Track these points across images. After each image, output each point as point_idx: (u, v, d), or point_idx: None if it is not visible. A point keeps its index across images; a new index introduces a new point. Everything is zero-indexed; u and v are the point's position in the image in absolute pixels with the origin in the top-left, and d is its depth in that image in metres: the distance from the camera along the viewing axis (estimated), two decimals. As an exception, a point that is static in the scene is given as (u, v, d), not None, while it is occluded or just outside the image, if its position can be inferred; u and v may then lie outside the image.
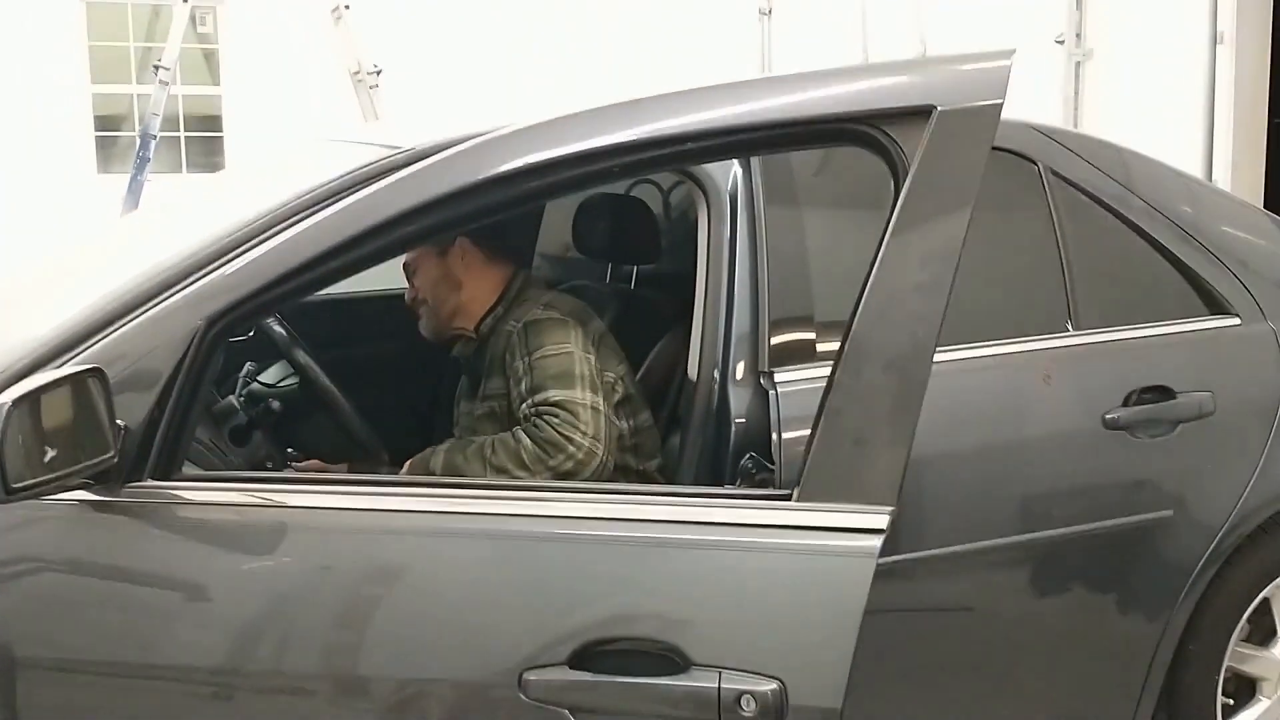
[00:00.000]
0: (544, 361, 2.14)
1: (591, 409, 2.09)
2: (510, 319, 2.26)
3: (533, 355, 2.15)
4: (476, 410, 2.31)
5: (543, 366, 2.14)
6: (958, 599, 2.14)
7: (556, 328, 2.18)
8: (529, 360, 2.15)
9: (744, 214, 2.08)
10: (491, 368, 2.29)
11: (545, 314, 2.22)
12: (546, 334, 2.17)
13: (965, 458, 2.12)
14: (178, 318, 1.59)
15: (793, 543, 1.45)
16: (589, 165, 1.59)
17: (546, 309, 2.24)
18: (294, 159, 2.31)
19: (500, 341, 2.26)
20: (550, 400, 2.09)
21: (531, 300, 2.29)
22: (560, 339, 2.16)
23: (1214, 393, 2.25)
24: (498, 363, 2.26)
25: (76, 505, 1.55)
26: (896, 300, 1.47)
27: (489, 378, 2.29)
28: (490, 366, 2.29)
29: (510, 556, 1.53)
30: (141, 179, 7.15)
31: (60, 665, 1.57)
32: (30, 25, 8.64)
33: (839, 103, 1.55)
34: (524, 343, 2.18)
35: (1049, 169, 2.30)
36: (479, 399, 2.31)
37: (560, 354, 2.15)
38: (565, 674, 1.44)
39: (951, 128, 1.48)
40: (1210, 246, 2.38)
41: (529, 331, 2.18)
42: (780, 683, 1.40)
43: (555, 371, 2.12)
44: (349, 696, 1.52)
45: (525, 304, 2.29)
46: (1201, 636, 2.31)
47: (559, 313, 2.23)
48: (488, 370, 2.30)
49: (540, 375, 2.13)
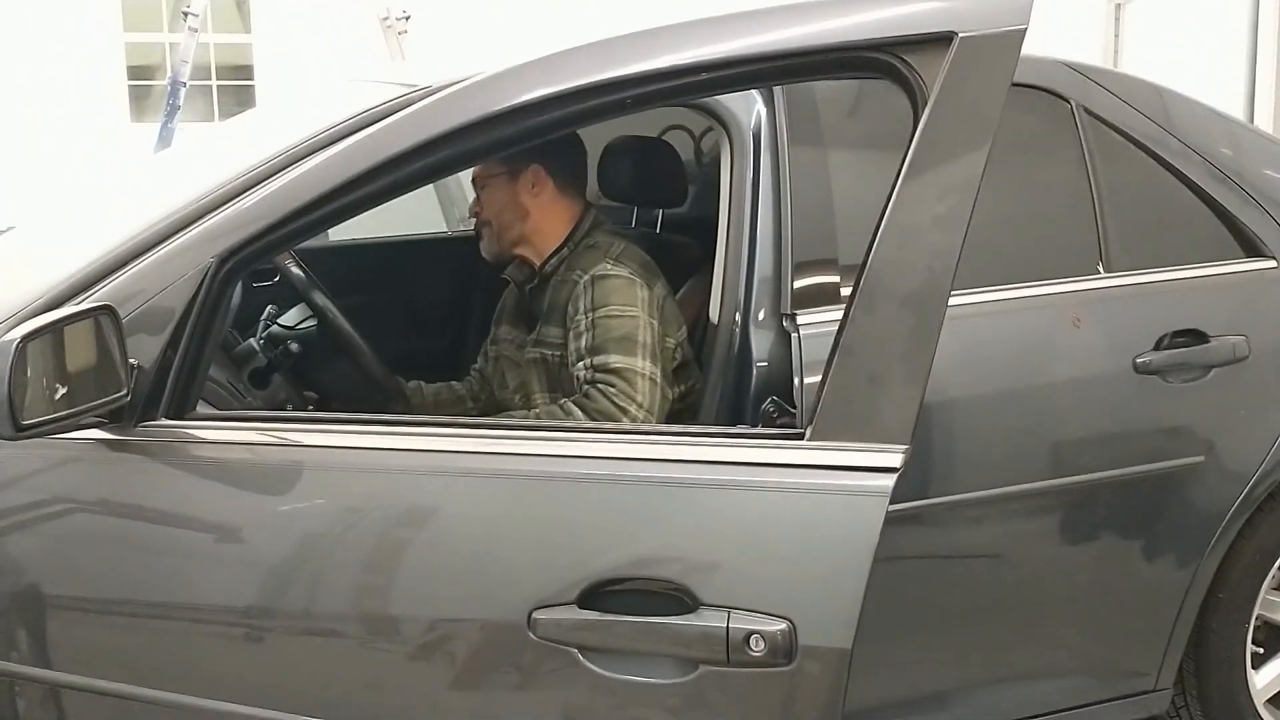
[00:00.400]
0: (608, 322, 2.09)
1: (649, 380, 2.05)
2: (577, 266, 2.19)
3: (597, 312, 2.10)
4: (528, 353, 2.27)
5: (606, 327, 2.09)
6: (985, 545, 2.12)
7: (625, 287, 2.12)
8: (593, 317, 2.11)
9: (768, 153, 2.04)
10: (551, 313, 2.23)
11: (615, 270, 2.15)
12: (615, 292, 2.11)
13: (994, 402, 2.09)
14: (189, 256, 1.59)
15: (805, 482, 1.43)
16: (603, 97, 1.56)
17: (617, 264, 2.16)
18: (314, 100, 2.30)
19: (565, 289, 2.20)
20: (610, 366, 2.05)
21: (600, 247, 2.22)
22: (628, 300, 2.11)
23: (1248, 337, 2.21)
24: (559, 311, 2.20)
25: (90, 444, 1.56)
26: (913, 235, 1.43)
27: (547, 323, 2.24)
28: (550, 311, 2.23)
29: (522, 496, 1.52)
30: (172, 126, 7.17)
31: (79, 604, 1.59)
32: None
33: (857, 30, 1.51)
34: (590, 297, 2.12)
35: (1082, 107, 2.24)
36: (532, 341, 2.27)
37: (625, 316, 2.10)
38: (574, 613, 1.43)
39: (973, 55, 1.44)
40: (1249, 189, 2.32)
41: (596, 286, 2.12)
42: (790, 622, 1.38)
43: (619, 335, 2.08)
44: (365, 635, 1.53)
45: (594, 251, 2.21)
46: (1231, 584, 2.28)
47: (629, 269, 2.16)
48: (546, 314, 2.24)
49: (602, 336, 2.08)
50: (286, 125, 1.99)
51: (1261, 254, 2.29)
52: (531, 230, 2.25)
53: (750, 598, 1.40)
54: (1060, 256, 2.23)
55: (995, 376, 2.10)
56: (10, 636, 1.58)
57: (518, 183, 2.21)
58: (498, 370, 2.40)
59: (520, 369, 2.31)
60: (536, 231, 2.25)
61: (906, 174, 1.44)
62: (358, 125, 1.70)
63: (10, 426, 1.40)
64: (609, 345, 2.07)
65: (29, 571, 1.57)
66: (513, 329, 2.38)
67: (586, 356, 2.09)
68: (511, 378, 2.34)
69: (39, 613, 1.58)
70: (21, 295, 1.65)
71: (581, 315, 2.12)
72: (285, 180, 1.60)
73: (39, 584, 1.57)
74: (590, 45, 1.60)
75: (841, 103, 2.18)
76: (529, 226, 2.24)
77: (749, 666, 1.39)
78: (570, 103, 1.55)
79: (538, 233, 2.25)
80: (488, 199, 2.25)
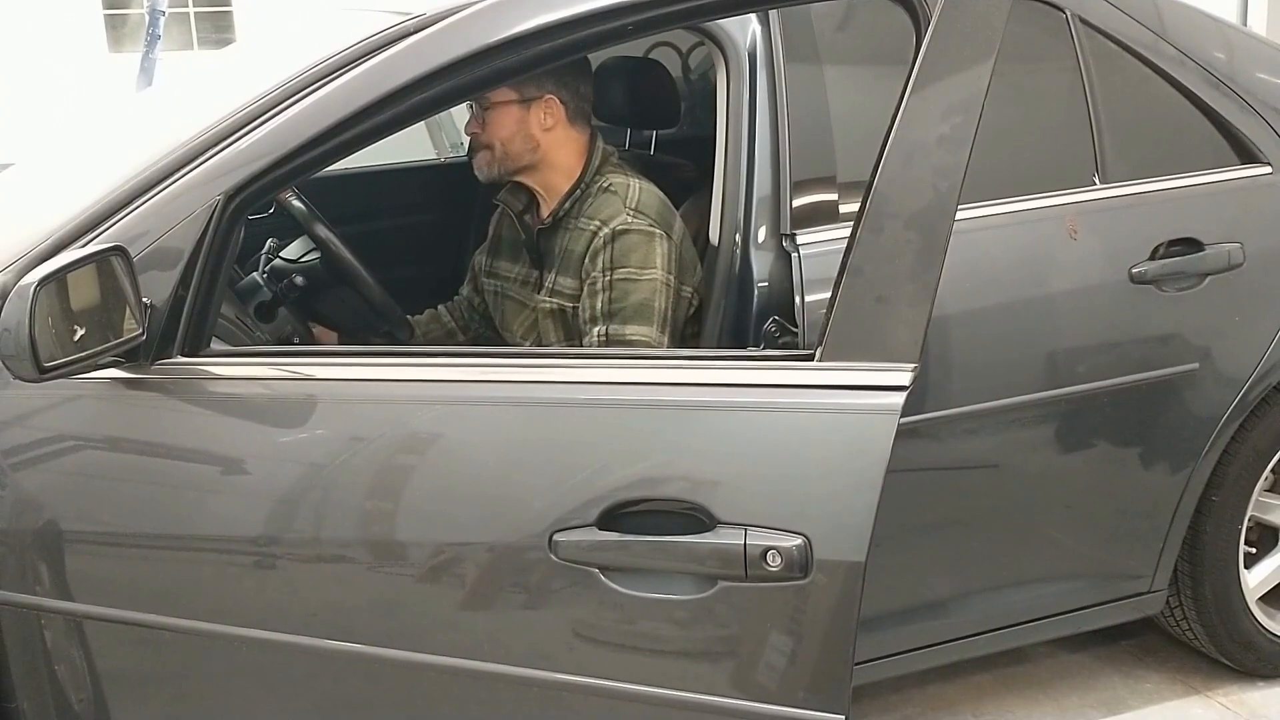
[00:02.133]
0: (626, 285, 2.05)
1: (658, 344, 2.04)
2: (596, 216, 2.11)
3: (615, 273, 2.06)
4: (541, 300, 2.20)
5: (624, 290, 2.05)
6: (983, 456, 2.16)
7: (645, 243, 2.06)
8: (610, 277, 2.06)
9: (763, 73, 2.03)
10: (567, 263, 2.16)
11: (635, 222, 2.08)
12: (635, 250, 2.06)
13: (990, 315, 2.11)
14: (196, 193, 1.60)
15: (816, 401, 1.46)
16: (600, 24, 1.56)
17: (636, 214, 2.09)
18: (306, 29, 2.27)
19: (581, 239, 2.12)
20: (624, 336, 2.03)
21: (618, 192, 2.12)
22: (648, 259, 2.06)
23: (1243, 244, 2.23)
24: (574, 261, 2.13)
25: (108, 383, 1.58)
26: (918, 154, 1.44)
27: (563, 272, 2.17)
28: (565, 260, 2.16)
29: (538, 422, 1.55)
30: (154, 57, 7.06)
31: (102, 539, 1.61)
32: (31, -99, 8.46)
33: (859, -49, 1.51)
34: (609, 254, 2.07)
35: (1077, 16, 2.23)
36: (547, 290, 2.19)
37: (645, 280, 2.05)
38: (594, 534, 1.46)
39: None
40: (1243, 94, 2.32)
41: (617, 242, 2.06)
42: (805, 538, 1.42)
43: (636, 301, 2.04)
44: (385, 561, 1.56)
45: (611, 197, 2.12)
46: (1225, 487, 2.33)
47: (648, 220, 2.09)
48: (561, 262, 2.17)
49: (619, 299, 2.05)
50: (282, 56, 1.97)
51: (1256, 160, 2.30)
52: (541, 162, 2.17)
53: (766, 515, 1.43)
54: (1056, 168, 2.23)
55: (992, 290, 2.11)
56: (35, 571, 1.61)
57: (529, 112, 2.13)
58: (498, 306, 2.37)
59: (527, 311, 2.26)
60: (547, 164, 2.18)
61: (910, 93, 1.45)
62: (356, 55, 1.70)
63: (33, 369, 1.42)
64: (625, 313, 2.04)
65: (53, 508, 1.60)
66: (514, 264, 2.33)
67: (601, 321, 2.06)
68: (516, 318, 2.30)
69: (63, 548, 1.61)
70: (28, 236, 1.65)
71: (599, 273, 2.08)
72: (290, 114, 1.61)
73: (63, 520, 1.60)
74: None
75: (836, 20, 2.17)
76: (538, 158, 2.17)
77: (766, 581, 1.43)
78: (572, 30, 1.56)
79: (549, 166, 2.18)
80: (494, 123, 2.14)
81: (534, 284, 2.27)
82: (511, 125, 2.14)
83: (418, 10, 1.77)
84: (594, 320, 2.08)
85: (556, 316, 2.19)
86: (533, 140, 2.16)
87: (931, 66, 1.44)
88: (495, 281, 2.38)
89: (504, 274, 2.36)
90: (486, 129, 2.16)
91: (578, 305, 2.14)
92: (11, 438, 1.60)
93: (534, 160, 2.17)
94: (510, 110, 2.13)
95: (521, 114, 2.13)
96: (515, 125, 2.14)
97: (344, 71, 1.65)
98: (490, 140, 2.16)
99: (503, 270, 2.36)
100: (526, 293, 2.29)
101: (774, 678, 1.48)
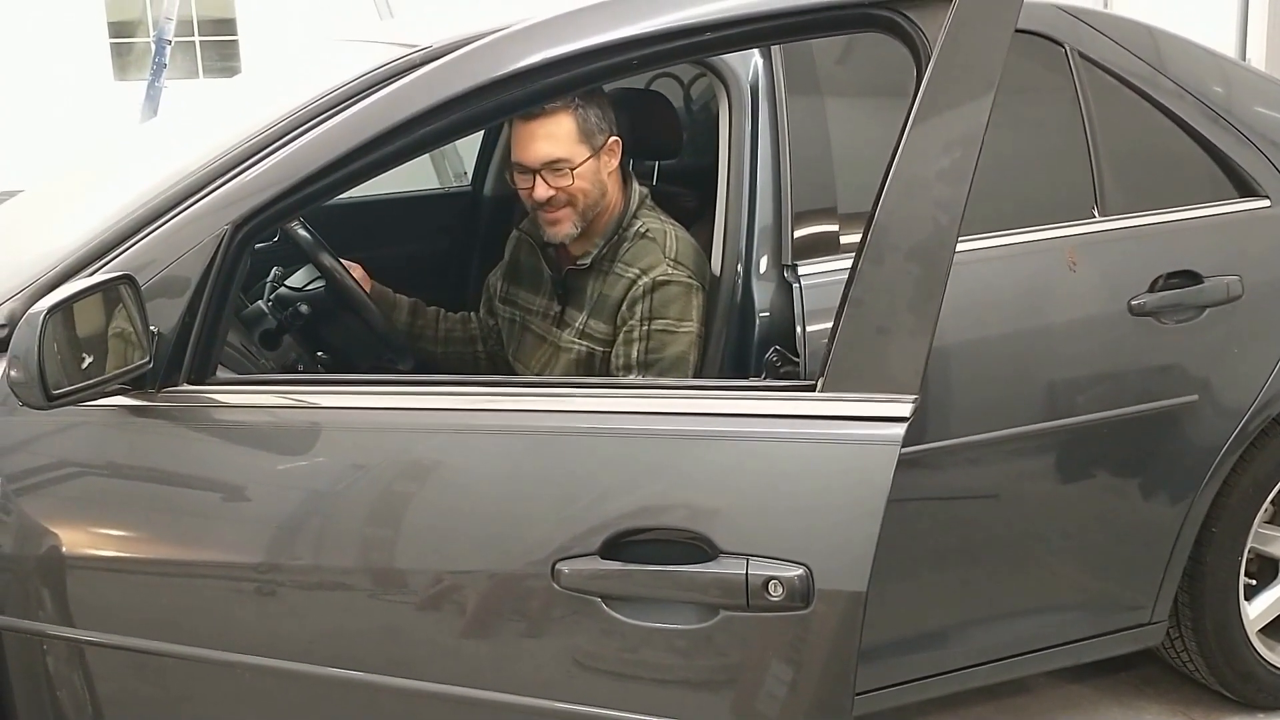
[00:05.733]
0: (664, 336, 2.06)
1: None
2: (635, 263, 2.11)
3: (654, 323, 2.07)
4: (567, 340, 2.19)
5: (661, 341, 2.06)
6: (984, 486, 2.17)
7: (684, 295, 2.07)
8: (649, 327, 2.07)
9: (765, 105, 2.06)
10: (600, 307, 2.15)
11: (676, 274, 2.08)
12: (674, 303, 2.07)
13: (991, 346, 2.12)
14: (205, 223, 1.61)
15: (818, 432, 1.47)
16: (607, 59, 1.58)
17: (676, 265, 2.09)
18: (311, 60, 2.30)
19: (618, 285, 2.12)
20: None
21: (656, 239, 2.12)
22: (685, 312, 2.06)
23: (1242, 276, 2.24)
24: (609, 306, 2.13)
25: (114, 410, 1.58)
26: (919, 188, 1.46)
27: (595, 315, 2.16)
28: (598, 304, 2.15)
29: (541, 451, 1.55)
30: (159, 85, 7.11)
31: (105, 565, 1.62)
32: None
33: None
34: (648, 304, 2.07)
35: (1076, 51, 2.26)
36: (574, 330, 2.18)
37: (681, 332, 2.06)
38: (597, 564, 1.47)
39: (974, 10, 1.45)
40: (1241, 127, 2.34)
41: (657, 293, 2.07)
42: (807, 568, 1.43)
43: (672, 355, 2.06)
44: (387, 588, 1.57)
45: (650, 245, 2.12)
46: (1225, 519, 2.34)
47: (687, 270, 2.09)
48: (594, 306, 2.16)
49: (656, 350, 2.06)
50: (290, 86, 2.00)
51: (1255, 193, 2.32)
52: (604, 206, 2.15)
53: (768, 545, 1.44)
54: (1056, 201, 2.26)
55: (993, 321, 2.13)
56: (38, 597, 1.61)
57: (599, 160, 2.11)
58: (514, 335, 2.36)
59: (546, 346, 2.25)
60: (606, 208, 2.15)
61: (911, 128, 1.46)
62: (364, 87, 1.72)
63: (42, 396, 1.43)
64: (662, 364, 2.06)
65: (56, 534, 1.61)
66: (534, 296, 2.31)
67: (636, 370, 2.07)
68: (534, 353, 2.29)
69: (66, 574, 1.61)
70: (36, 263, 1.67)
71: (636, 322, 2.08)
72: (298, 145, 1.62)
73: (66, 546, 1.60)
74: (595, 6, 1.61)
75: (837, 53, 2.19)
76: (606, 202, 2.14)
77: (768, 611, 1.43)
78: (577, 64, 1.57)
79: (606, 210, 2.15)
80: (580, 176, 2.09)
81: (554, 319, 2.26)
82: (589, 177, 2.11)
83: (421, 42, 1.79)
84: (628, 368, 2.09)
85: (584, 360, 2.18)
86: (602, 186, 2.14)
87: (932, 101, 1.46)
88: (513, 310, 2.37)
89: (524, 304, 2.34)
90: (569, 187, 2.10)
91: (608, 350, 2.14)
92: (17, 463, 1.61)
93: (602, 205, 2.15)
94: (589, 164, 2.10)
95: (595, 164, 2.11)
96: (592, 176, 2.11)
97: (351, 103, 1.67)
98: (573, 197, 2.11)
99: (522, 300, 2.35)
100: (547, 326, 2.28)
101: (775, 707, 1.48)
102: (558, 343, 2.23)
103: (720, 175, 2.08)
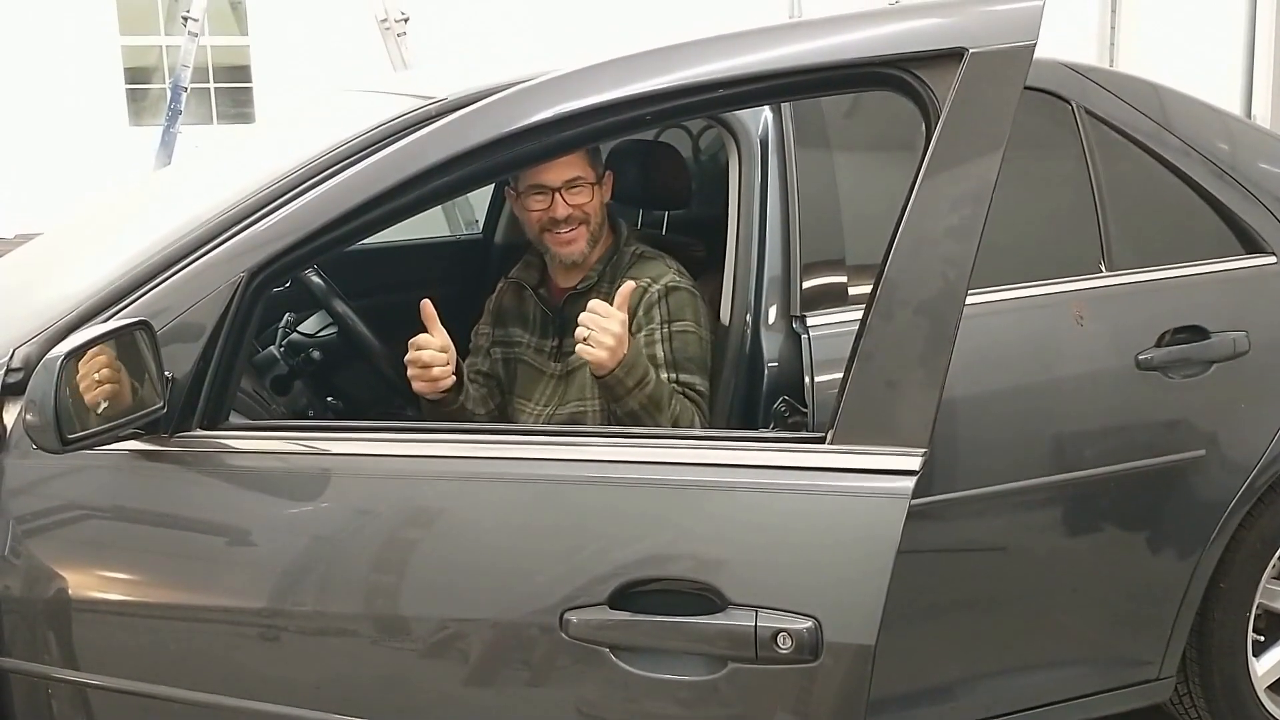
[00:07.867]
0: (686, 336, 2.12)
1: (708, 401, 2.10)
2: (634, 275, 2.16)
3: (674, 325, 2.12)
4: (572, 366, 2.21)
5: (684, 341, 2.12)
6: (991, 538, 2.16)
7: (692, 300, 2.16)
8: (670, 328, 2.12)
9: (775, 157, 2.08)
10: None
11: (682, 281, 2.17)
12: (687, 306, 2.15)
13: (998, 399, 2.13)
14: (220, 271, 1.63)
15: (827, 484, 1.48)
16: (621, 114, 1.60)
17: (680, 275, 2.19)
18: (324, 110, 2.33)
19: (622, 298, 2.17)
20: (696, 388, 2.08)
21: (656, 257, 2.23)
22: (695, 316, 2.14)
23: (1248, 332, 2.25)
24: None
25: (127, 455, 1.60)
26: (928, 244, 1.48)
27: None
28: None
29: (549, 500, 1.56)
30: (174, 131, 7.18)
31: (112, 609, 1.62)
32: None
33: (869, 46, 1.55)
34: (665, 307, 2.13)
35: (1082, 108, 2.28)
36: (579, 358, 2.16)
37: (696, 334, 2.13)
38: (605, 614, 1.47)
39: (983, 70, 1.48)
40: (1247, 184, 2.36)
41: (671, 298, 2.14)
42: (815, 620, 1.43)
43: (694, 354, 2.11)
44: (393, 636, 1.57)
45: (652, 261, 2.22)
46: (1233, 574, 2.33)
47: (689, 281, 2.19)
48: None
49: (681, 349, 2.11)
50: (302, 136, 2.02)
51: (1261, 249, 2.33)
52: (602, 235, 2.26)
53: (777, 597, 1.44)
54: (1063, 256, 2.27)
55: (1001, 375, 2.14)
56: (45, 640, 1.62)
57: (601, 188, 2.24)
58: (510, 373, 2.36)
59: (546, 379, 2.27)
60: (602, 236, 2.26)
61: (920, 185, 1.48)
62: (380, 137, 1.75)
63: (57, 441, 1.44)
64: (690, 364, 2.10)
65: (64, 577, 1.61)
66: (525, 333, 2.34)
67: (665, 369, 2.09)
68: (535, 385, 2.30)
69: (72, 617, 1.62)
70: (53, 308, 1.69)
71: (657, 325, 2.13)
72: (315, 194, 1.64)
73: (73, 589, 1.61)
74: (610, 62, 1.64)
75: (846, 106, 2.22)
76: (603, 231, 2.26)
77: (776, 663, 1.43)
78: (592, 119, 1.60)
79: (602, 238, 2.26)
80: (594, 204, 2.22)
81: (551, 354, 2.28)
82: (597, 201, 2.23)
83: (437, 94, 1.82)
84: (657, 368, 2.09)
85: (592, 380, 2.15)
86: (603, 213, 2.26)
87: (941, 158, 1.48)
88: (504, 349, 2.37)
89: (516, 339, 2.35)
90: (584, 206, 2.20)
91: None
92: (27, 505, 1.62)
93: (601, 234, 2.26)
94: (595, 188, 2.22)
95: (599, 191, 2.23)
96: (598, 201, 2.23)
97: (368, 153, 1.69)
98: (588, 216, 2.21)
99: (515, 336, 2.36)
100: (544, 360, 2.29)
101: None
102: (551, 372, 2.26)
103: (730, 226, 2.10)
